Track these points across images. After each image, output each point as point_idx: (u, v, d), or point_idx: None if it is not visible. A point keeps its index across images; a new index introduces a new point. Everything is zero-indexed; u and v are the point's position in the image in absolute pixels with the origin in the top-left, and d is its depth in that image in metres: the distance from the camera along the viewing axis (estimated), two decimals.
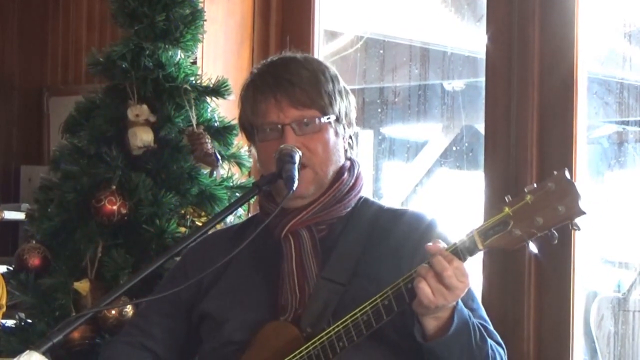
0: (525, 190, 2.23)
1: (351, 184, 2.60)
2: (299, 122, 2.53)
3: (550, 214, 2.19)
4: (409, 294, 2.33)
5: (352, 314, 2.37)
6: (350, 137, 2.65)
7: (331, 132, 2.56)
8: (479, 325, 2.43)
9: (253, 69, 2.68)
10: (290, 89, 2.53)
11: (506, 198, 2.24)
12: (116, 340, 2.78)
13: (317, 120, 2.54)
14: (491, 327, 2.53)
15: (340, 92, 2.60)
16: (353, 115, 2.66)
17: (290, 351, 2.43)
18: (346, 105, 2.62)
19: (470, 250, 2.30)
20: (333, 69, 2.64)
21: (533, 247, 2.25)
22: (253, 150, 2.71)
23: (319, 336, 2.40)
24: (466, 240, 2.30)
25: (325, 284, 2.49)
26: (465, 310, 2.39)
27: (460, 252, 2.31)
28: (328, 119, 2.55)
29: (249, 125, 2.62)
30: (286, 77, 2.55)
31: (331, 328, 2.39)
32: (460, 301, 2.36)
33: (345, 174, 2.59)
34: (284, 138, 2.51)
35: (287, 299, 2.50)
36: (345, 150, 2.63)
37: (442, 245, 2.33)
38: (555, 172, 2.22)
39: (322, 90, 2.55)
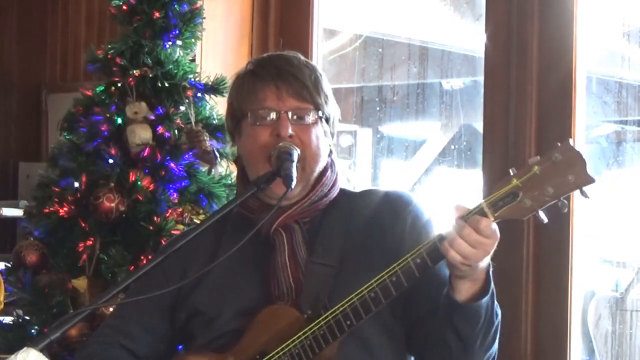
0: (530, 162, 2.26)
1: (333, 180, 2.63)
2: (296, 112, 2.55)
3: (561, 183, 2.23)
4: (432, 258, 2.34)
5: (358, 291, 2.37)
6: (330, 146, 2.68)
7: (321, 129, 2.59)
8: None
9: (250, 61, 2.69)
10: (292, 81, 2.56)
11: (510, 170, 2.27)
12: (92, 341, 2.72)
13: (312, 114, 2.56)
14: None
15: (332, 98, 2.64)
16: (336, 125, 2.69)
17: (293, 333, 2.43)
18: (334, 113, 2.65)
19: None
20: (325, 77, 2.68)
21: (543, 216, 2.27)
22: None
23: (324, 316, 2.40)
24: (476, 213, 2.29)
25: (316, 267, 2.51)
26: None
27: None
28: (322, 115, 2.57)
29: (240, 112, 2.61)
30: (289, 70, 2.57)
31: (336, 307, 2.39)
32: None
33: (329, 172, 2.62)
34: (279, 124, 2.52)
35: (282, 291, 2.51)
36: (330, 152, 2.66)
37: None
38: (558, 144, 2.25)
39: (320, 89, 2.58)
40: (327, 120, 2.61)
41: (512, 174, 2.27)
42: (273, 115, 2.55)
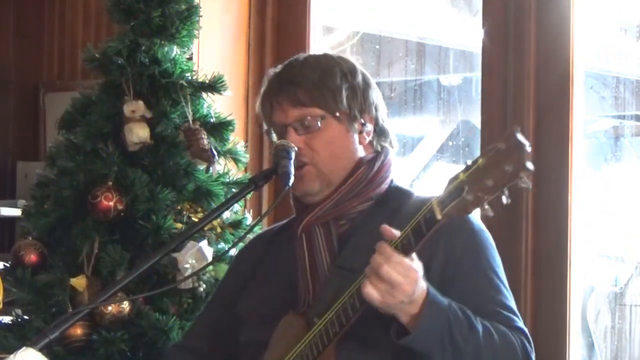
0: (480, 153, 2.14)
1: (369, 176, 2.56)
2: (299, 121, 2.54)
3: (499, 174, 2.07)
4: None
5: (341, 298, 2.33)
6: (380, 131, 2.61)
7: (337, 129, 2.55)
8: (465, 314, 2.32)
9: (268, 72, 2.68)
10: (291, 90, 2.54)
11: (465, 163, 2.15)
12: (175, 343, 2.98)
13: (318, 119, 2.54)
14: (508, 314, 2.45)
15: (353, 88, 2.56)
16: (374, 108, 2.59)
17: (298, 341, 2.42)
18: (361, 100, 2.57)
19: (430, 222, 2.18)
20: (350, 64, 2.60)
21: (489, 210, 2.11)
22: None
23: (317, 324, 2.38)
24: (426, 212, 2.18)
25: (338, 272, 2.47)
26: (444, 301, 2.30)
27: (421, 226, 2.20)
28: (332, 115, 2.54)
29: (267, 128, 2.68)
30: (289, 79, 2.56)
31: (326, 315, 2.37)
32: (435, 292, 2.28)
33: (362, 168, 2.56)
34: (286, 138, 2.53)
35: (301, 299, 2.51)
36: (371, 142, 2.60)
37: (396, 232, 2.24)
38: (507, 130, 2.12)
39: (326, 88, 2.53)
40: (349, 115, 2.57)
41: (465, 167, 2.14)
42: (283, 130, 2.57)
